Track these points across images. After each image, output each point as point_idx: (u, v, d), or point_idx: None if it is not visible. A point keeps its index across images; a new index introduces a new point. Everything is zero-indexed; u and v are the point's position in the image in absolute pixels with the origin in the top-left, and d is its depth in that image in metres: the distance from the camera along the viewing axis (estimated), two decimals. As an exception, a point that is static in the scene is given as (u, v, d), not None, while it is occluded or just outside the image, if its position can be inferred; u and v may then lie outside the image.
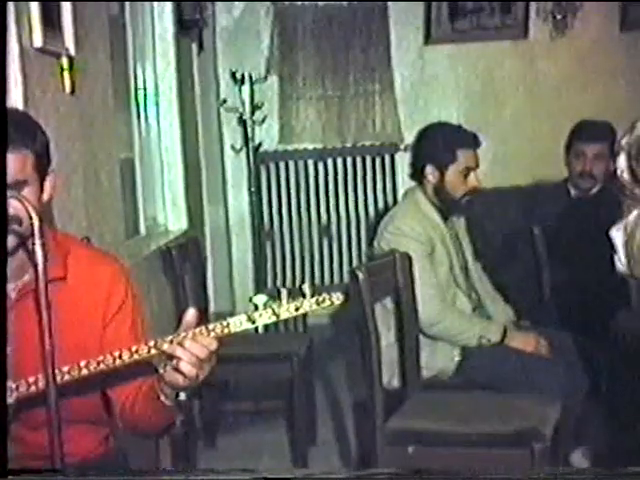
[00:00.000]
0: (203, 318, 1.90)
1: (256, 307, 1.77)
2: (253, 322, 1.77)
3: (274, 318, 1.77)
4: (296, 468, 3.78)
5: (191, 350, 1.82)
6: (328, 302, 1.77)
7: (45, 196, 1.99)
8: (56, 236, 2.08)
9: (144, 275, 3.92)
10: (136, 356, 1.83)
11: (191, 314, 1.86)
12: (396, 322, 3.30)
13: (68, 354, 1.83)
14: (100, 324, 2.07)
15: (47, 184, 1.99)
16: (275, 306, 1.77)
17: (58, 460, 1.65)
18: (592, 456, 3.44)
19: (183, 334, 1.83)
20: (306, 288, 1.77)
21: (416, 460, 2.86)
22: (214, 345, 1.83)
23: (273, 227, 6.09)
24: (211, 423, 4.14)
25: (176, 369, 1.85)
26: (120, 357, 1.83)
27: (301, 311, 1.77)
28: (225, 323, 1.80)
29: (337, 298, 1.78)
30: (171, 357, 1.84)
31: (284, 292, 1.76)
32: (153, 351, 1.83)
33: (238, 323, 1.79)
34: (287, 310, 1.77)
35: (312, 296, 1.77)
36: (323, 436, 4.19)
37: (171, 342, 1.83)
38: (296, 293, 1.79)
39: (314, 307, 1.77)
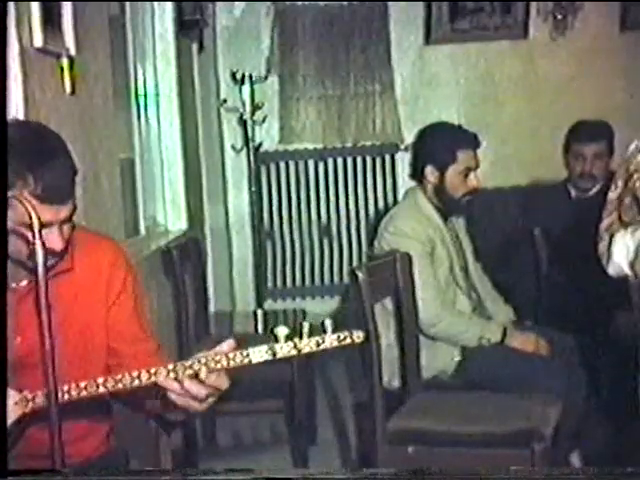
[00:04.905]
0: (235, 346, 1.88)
1: (277, 339, 1.76)
2: (274, 354, 1.77)
3: (295, 352, 1.77)
4: (296, 468, 3.78)
5: (205, 389, 1.82)
6: (349, 340, 1.78)
7: None
8: None
9: (144, 275, 3.91)
10: (154, 378, 1.83)
11: (228, 344, 1.84)
12: (396, 322, 3.30)
13: (75, 340, 1.84)
14: (104, 307, 2.09)
15: None
16: (297, 340, 1.77)
17: (58, 460, 1.65)
18: (591, 456, 3.44)
19: (203, 360, 1.81)
20: (327, 323, 1.77)
21: (416, 460, 2.86)
22: (226, 385, 1.84)
23: (273, 227, 6.08)
24: (211, 423, 4.15)
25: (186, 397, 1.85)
26: (139, 377, 1.83)
27: (322, 347, 1.77)
28: (245, 353, 1.79)
29: (357, 337, 1.78)
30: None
31: (306, 326, 1.76)
32: (172, 374, 1.83)
33: (259, 354, 1.78)
34: (308, 345, 1.77)
35: (333, 332, 1.77)
36: (323, 436, 4.19)
37: (190, 367, 1.81)
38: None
39: (334, 344, 1.77)
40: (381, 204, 6.03)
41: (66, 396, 1.80)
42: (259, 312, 4.89)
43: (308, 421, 4.07)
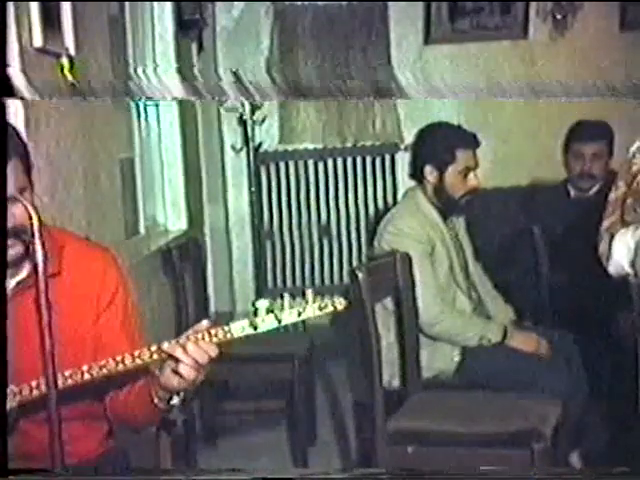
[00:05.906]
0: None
1: (258, 312, 1.77)
2: (255, 328, 1.78)
3: (276, 324, 1.78)
4: (296, 468, 3.78)
5: (192, 353, 1.82)
6: (331, 307, 1.78)
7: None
8: (50, 231, 2.06)
9: (144, 275, 3.92)
10: (138, 360, 1.83)
11: (204, 324, 1.86)
12: (396, 322, 3.30)
13: (64, 348, 1.83)
14: (93, 316, 2.08)
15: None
16: (277, 311, 1.77)
17: (58, 460, 1.65)
18: (591, 456, 3.44)
19: (185, 337, 1.83)
20: (309, 293, 1.77)
21: (416, 460, 2.86)
22: (214, 351, 1.84)
23: (273, 227, 6.08)
24: (211, 423, 4.15)
25: (174, 371, 1.85)
26: (122, 362, 1.83)
27: (303, 316, 1.77)
28: (227, 328, 1.81)
29: (339, 303, 1.78)
30: (171, 358, 1.85)
31: (287, 297, 1.77)
32: (155, 356, 1.84)
33: (240, 328, 1.79)
34: (289, 315, 1.77)
35: (314, 301, 1.77)
36: (323, 436, 4.19)
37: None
38: (298, 296, 1.80)
39: (317, 313, 1.77)
40: (381, 204, 6.03)
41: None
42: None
43: (308, 421, 4.07)
